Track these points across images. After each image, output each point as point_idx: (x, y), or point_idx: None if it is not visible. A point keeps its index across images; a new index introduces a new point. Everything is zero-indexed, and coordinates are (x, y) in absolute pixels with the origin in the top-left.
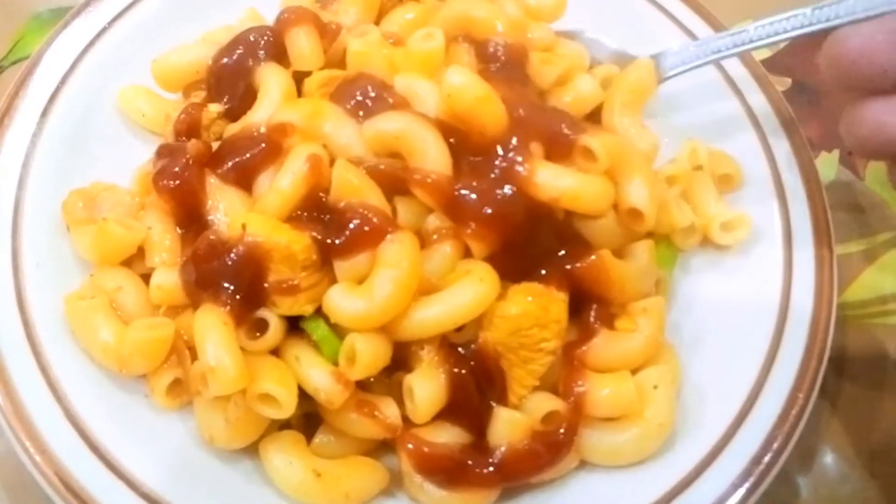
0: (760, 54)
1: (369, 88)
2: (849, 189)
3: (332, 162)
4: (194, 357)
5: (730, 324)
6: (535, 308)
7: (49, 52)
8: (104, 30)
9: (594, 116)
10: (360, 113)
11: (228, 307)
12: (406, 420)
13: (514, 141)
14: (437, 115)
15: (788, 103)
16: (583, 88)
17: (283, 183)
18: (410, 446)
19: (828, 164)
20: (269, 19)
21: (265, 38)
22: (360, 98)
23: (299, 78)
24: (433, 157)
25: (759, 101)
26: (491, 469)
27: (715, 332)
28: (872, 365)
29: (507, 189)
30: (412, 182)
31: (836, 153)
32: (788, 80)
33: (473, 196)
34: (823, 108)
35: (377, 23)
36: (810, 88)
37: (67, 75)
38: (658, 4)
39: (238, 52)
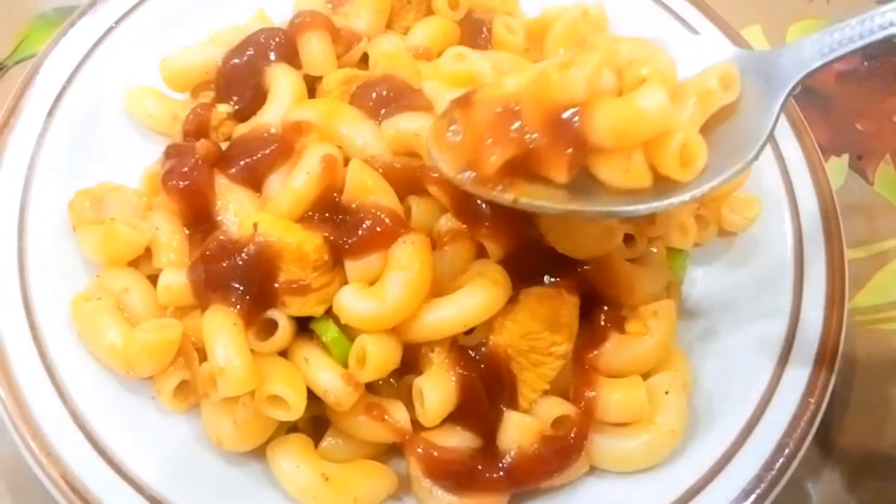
0: None
1: (393, 89)
2: (858, 194)
3: (346, 162)
4: (202, 359)
5: (741, 329)
6: (546, 312)
7: (55, 51)
8: (111, 29)
9: None
10: (382, 111)
11: (238, 308)
12: (415, 423)
13: None
14: None
15: (798, 108)
16: (642, 104)
17: (296, 183)
18: (419, 450)
19: (837, 169)
20: (277, 20)
21: (276, 39)
22: (383, 98)
23: (310, 81)
24: None
25: None
26: (500, 474)
27: (726, 338)
28: (883, 370)
29: None
30: (429, 180)
31: (845, 157)
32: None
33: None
34: (832, 113)
35: (388, 26)
36: (819, 93)
37: (74, 75)
38: (665, 5)
39: (248, 53)
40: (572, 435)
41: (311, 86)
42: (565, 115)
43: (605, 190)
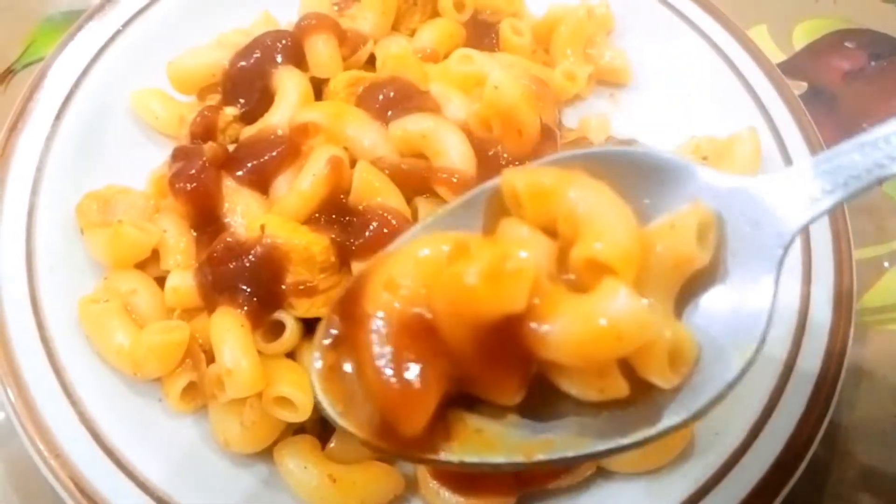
0: (776, 57)
1: (400, 91)
2: (866, 194)
3: (353, 164)
4: (209, 360)
5: None
6: None
7: (62, 54)
8: (118, 32)
9: None
10: (389, 113)
11: (245, 309)
12: None
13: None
14: (466, 122)
15: (805, 107)
16: (612, 318)
17: (303, 184)
18: None
19: None
20: (283, 22)
21: (283, 41)
22: (389, 99)
23: (316, 83)
24: (458, 157)
25: (775, 104)
26: (507, 474)
27: None
28: (892, 371)
29: None
30: (436, 180)
31: None
32: (804, 84)
33: None
34: (840, 112)
35: (394, 28)
36: (827, 92)
37: (81, 78)
38: (669, 5)
39: (255, 55)
40: None
41: (318, 88)
42: (503, 329)
43: (569, 399)
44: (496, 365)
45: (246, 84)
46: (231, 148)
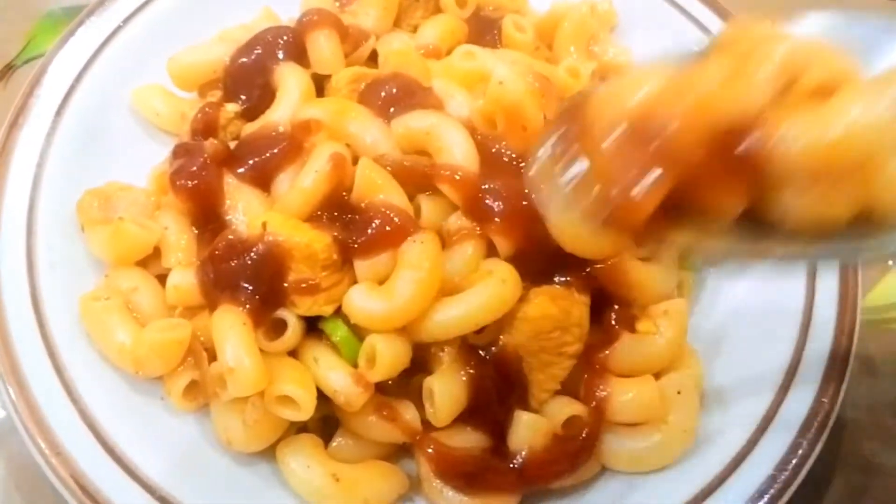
0: None
1: (403, 87)
2: None
3: (355, 161)
4: (211, 359)
5: (753, 328)
6: (557, 311)
7: (63, 50)
8: (119, 28)
9: None
10: (391, 110)
11: (247, 307)
12: (425, 423)
13: None
14: (469, 118)
15: None
16: (854, 120)
17: (305, 182)
18: (430, 450)
19: None
20: (285, 18)
21: (284, 38)
22: (392, 96)
23: (318, 80)
24: (461, 154)
25: None
26: (511, 474)
27: (738, 337)
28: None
29: None
30: (439, 178)
31: None
32: None
33: (500, 193)
34: None
35: (396, 24)
36: None
37: (82, 74)
38: (674, 2)
39: (256, 51)
40: (583, 435)
41: (320, 84)
42: (735, 134)
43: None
44: (723, 172)
45: (247, 80)
46: (232, 145)
